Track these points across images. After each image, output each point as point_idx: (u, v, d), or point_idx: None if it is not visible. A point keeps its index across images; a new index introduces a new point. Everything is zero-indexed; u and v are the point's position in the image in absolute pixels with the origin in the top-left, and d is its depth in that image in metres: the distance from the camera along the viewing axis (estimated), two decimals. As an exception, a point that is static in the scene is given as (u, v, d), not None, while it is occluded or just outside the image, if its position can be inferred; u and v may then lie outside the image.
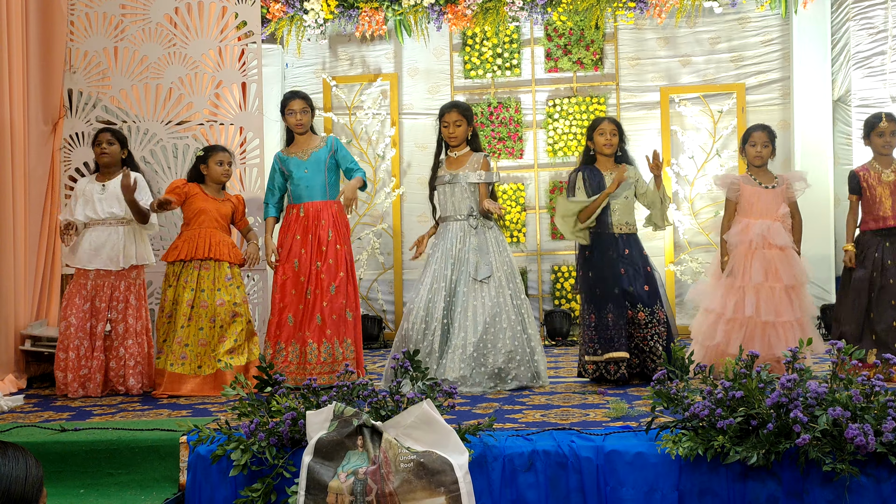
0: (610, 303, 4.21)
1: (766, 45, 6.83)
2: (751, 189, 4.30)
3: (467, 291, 4.22)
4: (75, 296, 4.41)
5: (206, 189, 4.53)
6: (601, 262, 4.29)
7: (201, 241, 4.40)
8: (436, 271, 4.30)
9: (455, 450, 2.58)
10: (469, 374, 4.10)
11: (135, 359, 4.42)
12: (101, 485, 3.07)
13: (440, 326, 4.21)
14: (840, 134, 6.51)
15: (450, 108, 4.45)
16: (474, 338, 4.13)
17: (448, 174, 4.41)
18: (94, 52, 5.24)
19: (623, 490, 2.76)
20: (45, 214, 5.10)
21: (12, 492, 1.54)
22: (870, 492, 2.61)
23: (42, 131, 5.11)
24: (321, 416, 2.69)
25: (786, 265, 4.17)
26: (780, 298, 4.13)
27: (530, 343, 4.24)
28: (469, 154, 4.46)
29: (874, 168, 4.44)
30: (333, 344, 4.36)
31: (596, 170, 4.42)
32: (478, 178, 4.38)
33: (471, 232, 4.32)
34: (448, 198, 4.41)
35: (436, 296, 4.24)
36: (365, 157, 7.12)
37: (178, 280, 4.40)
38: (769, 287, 4.14)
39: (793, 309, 4.14)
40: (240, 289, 4.44)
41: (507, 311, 4.20)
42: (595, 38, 6.92)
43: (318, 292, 4.40)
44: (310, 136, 4.62)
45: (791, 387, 2.65)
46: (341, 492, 2.51)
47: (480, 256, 4.27)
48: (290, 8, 6.73)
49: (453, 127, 4.39)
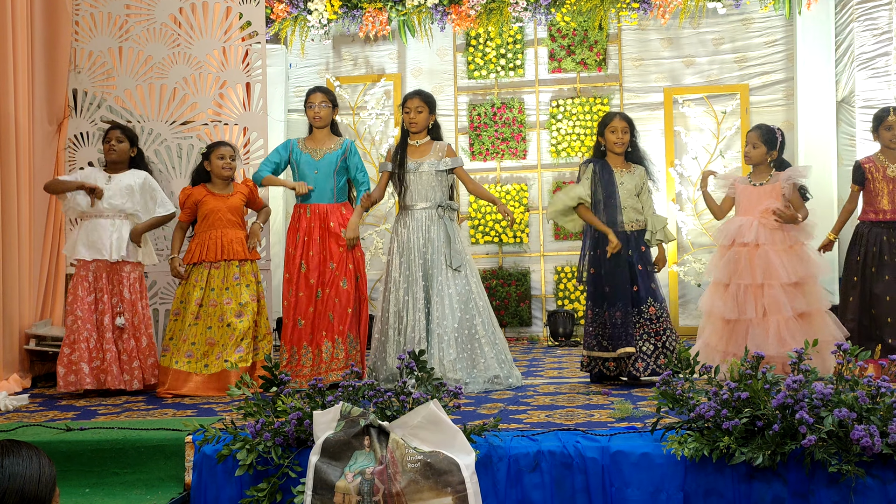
0: (619, 301, 4.23)
1: (770, 45, 6.83)
2: (741, 188, 4.37)
3: (442, 280, 4.26)
4: (78, 288, 4.36)
5: (213, 187, 4.52)
6: (611, 260, 4.27)
7: (212, 243, 4.39)
8: (408, 262, 4.32)
9: (462, 450, 2.58)
10: (456, 357, 4.16)
11: (142, 353, 4.41)
12: (106, 484, 3.07)
13: (424, 316, 4.24)
14: (844, 135, 6.51)
15: (413, 95, 4.45)
16: (455, 323, 4.20)
17: (412, 162, 4.40)
18: (99, 52, 5.25)
19: (628, 491, 2.76)
20: (50, 214, 5.11)
21: (27, 491, 1.54)
22: (875, 493, 2.61)
23: (47, 131, 5.12)
24: (328, 416, 2.69)
25: (779, 263, 4.15)
26: (746, 295, 4.13)
27: (497, 334, 4.34)
28: (430, 143, 4.45)
29: (880, 161, 4.45)
30: (347, 341, 4.36)
31: (607, 165, 4.40)
32: (452, 163, 4.39)
33: (437, 220, 4.34)
34: (412, 186, 4.39)
35: (413, 286, 4.28)
36: (368, 157, 7.13)
37: (188, 279, 4.41)
38: (735, 284, 4.16)
39: (791, 305, 4.12)
40: (248, 287, 4.40)
41: (475, 298, 4.30)
42: (598, 38, 6.92)
43: (328, 292, 4.40)
44: (328, 133, 4.57)
45: (797, 388, 2.65)
46: (348, 492, 2.51)
47: (450, 245, 4.31)
48: (294, 8, 6.74)
49: (414, 113, 4.38)
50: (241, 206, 4.53)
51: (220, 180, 4.51)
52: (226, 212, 4.45)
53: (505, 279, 6.92)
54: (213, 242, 4.39)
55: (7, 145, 4.66)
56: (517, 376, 4.33)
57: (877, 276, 4.35)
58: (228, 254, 4.38)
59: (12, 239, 4.67)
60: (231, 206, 4.48)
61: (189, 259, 4.43)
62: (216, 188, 4.52)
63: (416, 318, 4.24)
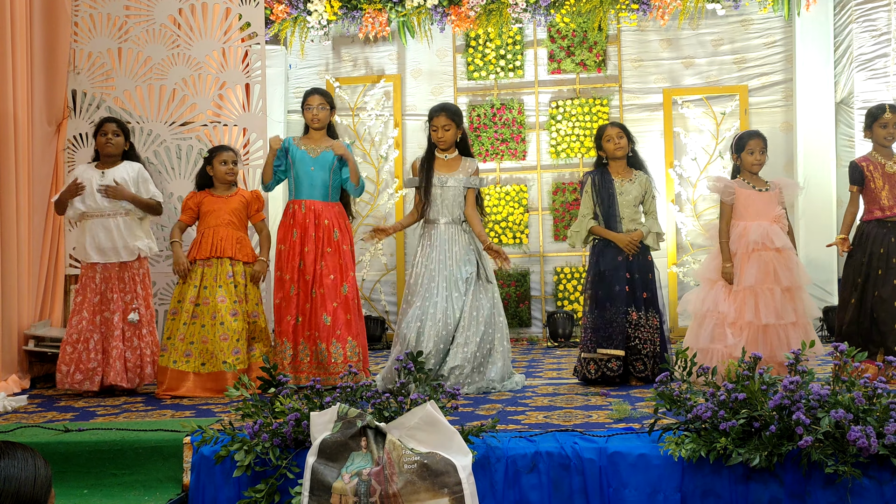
0: (608, 302, 4.30)
1: (769, 47, 6.83)
2: (745, 192, 4.30)
3: (475, 291, 4.26)
4: (87, 289, 4.42)
5: (215, 191, 4.55)
6: (607, 265, 4.37)
7: (205, 242, 4.42)
8: (429, 276, 4.28)
9: (459, 451, 2.59)
10: (470, 372, 4.16)
11: (150, 348, 4.45)
12: (104, 485, 3.07)
13: (441, 329, 4.20)
14: (842, 136, 6.51)
15: (438, 111, 4.39)
16: (477, 336, 4.18)
17: (438, 177, 4.37)
18: (98, 52, 5.25)
19: (626, 492, 2.76)
20: (49, 215, 5.11)
21: (22, 493, 1.54)
22: (872, 494, 2.61)
23: (46, 132, 5.13)
24: (325, 417, 2.70)
25: (784, 267, 4.16)
26: (781, 300, 4.13)
27: (507, 345, 4.35)
28: (459, 159, 4.44)
29: (875, 159, 4.42)
30: (346, 345, 4.36)
31: (607, 174, 4.45)
32: (478, 183, 4.41)
33: (462, 234, 4.35)
34: (438, 200, 4.38)
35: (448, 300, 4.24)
36: (368, 158, 7.13)
37: (184, 278, 4.42)
38: (768, 289, 4.14)
39: (795, 310, 4.13)
40: (237, 287, 4.40)
41: (495, 314, 4.29)
42: (598, 39, 6.92)
43: (322, 292, 4.39)
44: (324, 134, 4.57)
45: (794, 389, 2.66)
46: (345, 493, 2.52)
47: (480, 259, 4.33)
48: (294, 9, 6.74)
49: (442, 131, 4.36)
50: (240, 209, 4.53)
51: (223, 185, 4.54)
52: (224, 212, 4.47)
53: (504, 280, 6.92)
54: (205, 240, 4.41)
55: (6, 146, 4.66)
56: (517, 381, 4.32)
57: (883, 280, 4.27)
58: (219, 250, 4.38)
59: (11, 240, 4.68)
60: (230, 208, 4.49)
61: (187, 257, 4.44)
62: (218, 192, 4.55)
63: (430, 333, 4.17)
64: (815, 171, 6.50)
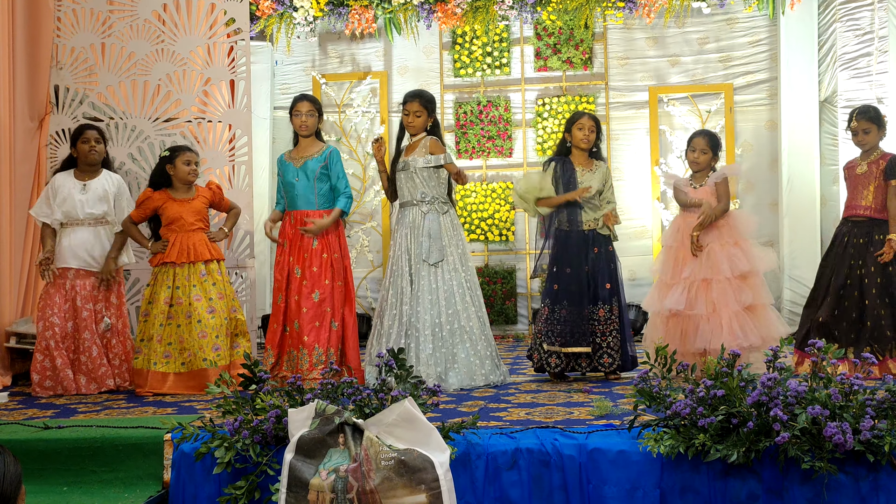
0: (565, 299, 4.34)
1: (754, 45, 6.86)
2: (686, 190, 4.48)
3: (424, 275, 4.28)
4: (55, 295, 4.36)
5: (175, 193, 4.43)
6: (567, 259, 4.39)
7: (177, 247, 4.34)
8: (396, 258, 4.38)
9: (436, 448, 2.59)
10: (432, 352, 4.18)
11: (118, 358, 4.47)
12: (84, 482, 3.06)
13: (404, 311, 4.26)
14: (826, 134, 6.55)
15: (413, 97, 4.43)
16: (437, 318, 4.21)
17: (402, 161, 4.44)
18: (81, 48, 5.21)
19: (605, 488, 2.78)
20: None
21: (-9, 489, 1.53)
22: (848, 489, 2.63)
23: (28, 127, 5.09)
24: (303, 413, 2.69)
25: (723, 258, 4.21)
26: (720, 291, 4.17)
27: (484, 329, 4.34)
28: (420, 139, 4.46)
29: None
30: (313, 352, 4.35)
31: (569, 163, 4.50)
32: (434, 161, 4.36)
33: (421, 217, 4.35)
34: (404, 184, 4.43)
35: (399, 281, 4.32)
36: (354, 154, 7.12)
37: (155, 280, 4.38)
38: (701, 281, 4.22)
39: (737, 300, 4.17)
40: (215, 286, 4.37)
41: (462, 293, 4.29)
42: (584, 37, 6.93)
43: (296, 299, 4.41)
44: (313, 140, 4.58)
45: (771, 386, 2.67)
46: (322, 489, 2.52)
47: (432, 241, 4.31)
48: (280, 5, 6.72)
49: (413, 117, 4.41)
50: (203, 210, 4.48)
51: (183, 185, 4.44)
52: (189, 217, 4.39)
53: (491, 277, 6.93)
54: (175, 247, 4.33)
55: (-12, 142, 4.64)
56: (503, 373, 4.34)
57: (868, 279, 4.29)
58: (192, 256, 4.34)
59: (-7, 236, 4.65)
60: (193, 210, 4.42)
61: (158, 261, 4.38)
62: (178, 193, 4.43)
63: (392, 313, 4.29)
64: (800, 168, 6.54)
